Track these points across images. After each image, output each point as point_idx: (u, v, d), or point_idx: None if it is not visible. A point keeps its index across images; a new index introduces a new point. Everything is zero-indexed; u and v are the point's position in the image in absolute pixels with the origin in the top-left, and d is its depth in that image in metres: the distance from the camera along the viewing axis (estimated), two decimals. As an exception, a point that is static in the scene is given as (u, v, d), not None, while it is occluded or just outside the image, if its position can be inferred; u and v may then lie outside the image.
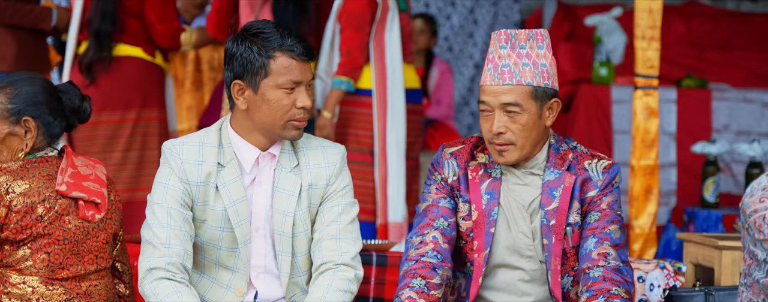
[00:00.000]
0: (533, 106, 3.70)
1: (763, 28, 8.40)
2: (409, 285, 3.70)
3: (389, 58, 5.98)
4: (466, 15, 8.84)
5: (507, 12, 8.97)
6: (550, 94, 3.72)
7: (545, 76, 3.71)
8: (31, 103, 3.70)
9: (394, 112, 5.96)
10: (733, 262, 4.24)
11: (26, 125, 3.69)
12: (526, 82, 3.69)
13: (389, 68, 5.97)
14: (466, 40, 8.87)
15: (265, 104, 3.61)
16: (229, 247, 3.70)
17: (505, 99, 3.69)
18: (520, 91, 3.69)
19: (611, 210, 3.78)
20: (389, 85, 5.97)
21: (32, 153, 3.72)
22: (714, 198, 6.49)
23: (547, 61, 3.72)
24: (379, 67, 5.97)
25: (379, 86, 5.96)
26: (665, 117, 7.49)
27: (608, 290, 3.64)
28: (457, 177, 3.82)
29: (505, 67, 3.70)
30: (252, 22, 3.66)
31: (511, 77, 3.69)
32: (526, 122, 3.70)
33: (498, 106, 3.70)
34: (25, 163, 3.67)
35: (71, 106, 3.78)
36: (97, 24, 5.88)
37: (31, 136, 3.70)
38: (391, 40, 5.98)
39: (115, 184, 3.88)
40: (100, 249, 3.75)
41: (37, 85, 3.73)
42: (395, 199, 5.93)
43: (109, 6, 5.88)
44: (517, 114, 3.69)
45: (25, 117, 3.68)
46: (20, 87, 3.70)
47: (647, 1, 5.28)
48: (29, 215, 3.61)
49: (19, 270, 3.65)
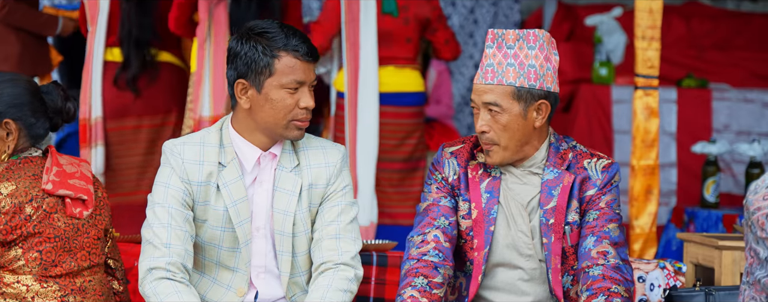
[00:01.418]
0: (515, 107, 3.70)
1: (763, 28, 8.40)
2: (411, 284, 3.70)
3: (363, 62, 5.93)
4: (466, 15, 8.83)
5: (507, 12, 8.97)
6: (536, 95, 3.71)
7: (532, 77, 3.70)
8: (12, 104, 3.69)
9: (365, 116, 5.89)
10: (734, 262, 4.24)
11: (7, 127, 3.69)
12: (508, 82, 3.69)
13: (362, 71, 5.92)
14: (466, 40, 8.87)
15: (269, 103, 3.62)
16: (230, 247, 3.70)
17: (486, 98, 3.70)
18: (501, 90, 3.70)
19: (610, 208, 3.79)
20: (361, 88, 5.90)
21: (16, 155, 3.73)
22: (714, 198, 6.49)
23: (537, 61, 3.71)
24: (352, 70, 5.93)
25: (351, 89, 5.91)
26: (665, 117, 7.49)
27: (608, 288, 3.64)
28: (457, 177, 3.82)
29: (489, 67, 3.72)
30: (256, 21, 3.66)
31: (493, 77, 3.70)
32: (508, 122, 3.70)
33: (481, 105, 3.72)
34: (10, 165, 3.68)
35: (54, 107, 3.78)
36: (137, 35, 5.96)
37: (13, 138, 3.70)
38: (365, 44, 5.93)
39: (100, 182, 3.90)
40: (92, 246, 3.77)
41: (20, 87, 3.72)
42: (362, 203, 5.87)
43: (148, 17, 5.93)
44: (498, 113, 3.70)
45: (5, 119, 3.68)
46: (2, 89, 3.70)
47: (647, 1, 5.28)
48: (18, 215, 3.62)
49: (13, 271, 3.66)
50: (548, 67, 3.74)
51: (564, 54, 7.92)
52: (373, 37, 5.91)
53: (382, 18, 6.08)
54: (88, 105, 5.90)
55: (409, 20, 6.21)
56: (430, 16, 6.27)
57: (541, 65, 3.72)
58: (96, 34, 5.89)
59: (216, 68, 5.50)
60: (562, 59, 7.84)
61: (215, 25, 5.50)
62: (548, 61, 3.74)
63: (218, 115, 5.46)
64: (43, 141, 3.81)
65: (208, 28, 5.49)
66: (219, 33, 5.51)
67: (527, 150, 3.78)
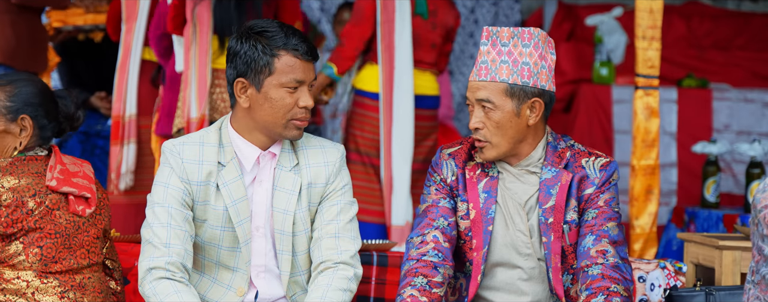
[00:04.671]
0: (508, 104, 3.70)
1: (763, 28, 8.40)
2: (411, 284, 3.70)
3: (398, 63, 5.98)
4: (466, 15, 8.84)
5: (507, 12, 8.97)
6: (529, 92, 3.72)
7: (525, 75, 3.70)
8: (29, 103, 3.76)
9: (399, 117, 5.97)
10: (734, 262, 4.23)
11: (22, 123, 3.75)
12: (501, 79, 3.70)
13: (397, 73, 5.97)
14: (466, 40, 8.87)
15: (268, 102, 3.62)
16: (230, 247, 3.70)
17: (479, 95, 3.71)
18: (494, 87, 3.70)
19: (609, 207, 3.79)
20: (396, 89, 5.97)
21: (22, 153, 3.77)
22: (714, 198, 6.49)
23: (531, 59, 3.71)
24: (387, 71, 5.98)
25: (386, 90, 5.98)
26: (666, 117, 7.49)
27: (607, 287, 3.64)
28: (455, 178, 3.83)
29: (483, 64, 3.72)
30: (256, 20, 3.67)
31: (486, 73, 3.71)
32: (500, 120, 3.70)
33: (475, 102, 3.72)
34: (15, 161, 3.73)
35: (66, 112, 3.86)
36: None
37: (27, 134, 3.75)
38: (400, 45, 5.98)
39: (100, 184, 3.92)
40: (92, 244, 3.80)
41: (37, 87, 3.80)
42: (398, 203, 5.94)
43: None
44: (491, 110, 3.70)
45: (22, 115, 3.74)
46: (20, 86, 3.77)
47: (648, 1, 5.28)
48: (20, 209, 3.65)
49: (12, 266, 3.69)
50: (543, 65, 3.73)
51: (564, 54, 7.92)
52: (408, 39, 5.98)
53: (413, 20, 6.10)
54: (123, 102, 5.89)
55: (436, 25, 6.22)
56: (453, 25, 6.31)
57: (536, 63, 3.72)
58: (134, 32, 5.87)
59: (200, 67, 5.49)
60: (563, 59, 7.84)
61: (199, 25, 5.49)
62: (543, 59, 3.73)
63: (204, 115, 5.45)
64: (47, 143, 3.85)
65: (193, 28, 5.48)
66: (202, 32, 5.50)
67: (522, 147, 3.78)
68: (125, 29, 5.89)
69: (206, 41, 5.50)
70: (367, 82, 6.12)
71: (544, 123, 3.81)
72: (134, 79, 5.91)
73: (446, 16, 6.27)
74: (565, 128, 7.60)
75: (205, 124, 5.42)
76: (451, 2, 6.37)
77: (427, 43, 6.19)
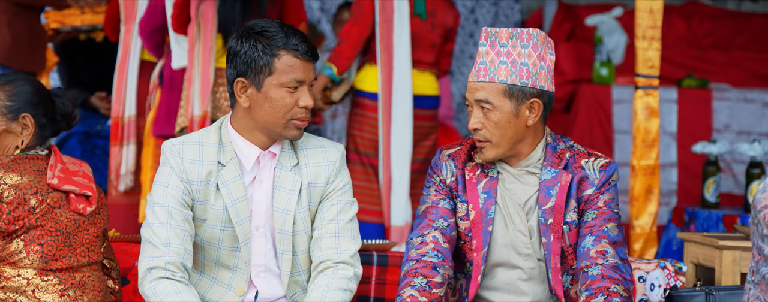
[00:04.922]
0: (507, 105, 3.70)
1: (763, 28, 8.40)
2: (410, 284, 3.70)
3: (397, 63, 5.98)
4: (466, 15, 8.84)
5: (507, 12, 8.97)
6: (528, 93, 3.72)
7: (524, 75, 3.70)
8: (29, 102, 3.79)
9: (398, 117, 5.97)
10: (734, 262, 4.23)
11: (24, 122, 3.77)
12: (500, 80, 3.70)
13: (396, 73, 5.98)
14: (466, 40, 8.87)
15: (268, 102, 3.62)
16: (230, 246, 3.70)
17: (478, 96, 3.71)
18: (492, 88, 3.70)
19: (608, 208, 3.79)
20: (395, 90, 5.98)
21: (24, 152, 3.79)
22: (714, 198, 6.49)
23: (530, 60, 3.71)
24: (386, 71, 5.98)
25: (384, 91, 5.98)
26: (666, 117, 7.49)
27: (607, 288, 3.64)
28: (455, 179, 3.83)
29: (482, 64, 3.73)
30: (256, 20, 3.67)
31: (485, 74, 3.71)
32: (499, 120, 3.71)
33: (474, 103, 3.72)
34: (17, 158, 3.74)
35: (63, 111, 3.88)
36: None
37: (29, 132, 3.78)
38: (399, 45, 5.98)
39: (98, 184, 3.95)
40: (91, 243, 3.82)
41: (35, 86, 3.83)
42: (397, 203, 5.94)
43: None
44: (490, 111, 3.70)
45: (24, 113, 3.76)
46: (19, 86, 3.79)
47: (648, 1, 5.28)
48: (22, 206, 3.67)
49: (13, 264, 3.70)
50: (542, 65, 3.73)
51: (564, 54, 7.92)
52: (406, 39, 5.99)
53: (412, 21, 6.10)
54: (122, 103, 5.89)
55: (435, 26, 6.22)
56: (452, 24, 6.31)
57: (534, 64, 3.72)
58: (133, 33, 5.87)
59: (203, 66, 5.49)
60: (563, 59, 7.84)
61: (203, 23, 5.49)
62: (542, 60, 3.73)
63: (206, 112, 5.46)
64: (46, 143, 3.87)
65: (197, 27, 5.48)
66: (207, 30, 5.51)
67: (521, 148, 3.78)
68: (124, 30, 5.89)
69: (210, 40, 5.50)
70: (367, 82, 6.13)
71: (543, 123, 3.81)
72: (133, 80, 5.91)
73: (445, 16, 6.27)
74: (565, 128, 7.60)
75: (206, 123, 5.42)
76: (450, 2, 6.37)
77: (427, 43, 6.18)
